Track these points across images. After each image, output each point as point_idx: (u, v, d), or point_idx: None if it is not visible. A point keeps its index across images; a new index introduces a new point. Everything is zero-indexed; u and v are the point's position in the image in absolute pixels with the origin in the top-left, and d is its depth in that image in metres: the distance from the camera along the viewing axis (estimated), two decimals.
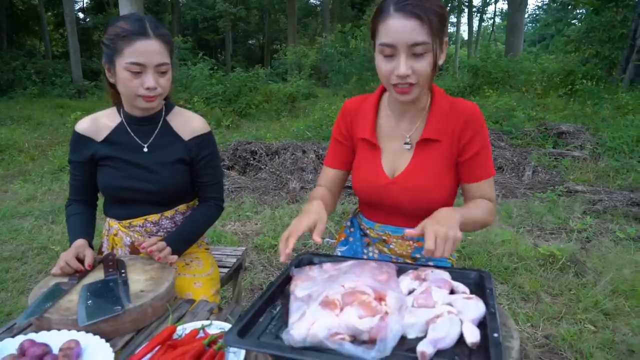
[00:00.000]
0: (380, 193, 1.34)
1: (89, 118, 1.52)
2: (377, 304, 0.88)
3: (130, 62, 1.33)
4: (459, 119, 1.28)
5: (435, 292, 0.96)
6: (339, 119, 1.44)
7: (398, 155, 1.34)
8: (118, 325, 1.10)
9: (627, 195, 4.37)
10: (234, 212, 4.06)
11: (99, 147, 1.48)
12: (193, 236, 1.53)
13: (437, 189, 1.30)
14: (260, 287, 2.74)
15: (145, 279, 1.26)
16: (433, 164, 1.30)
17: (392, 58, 1.16)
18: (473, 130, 1.27)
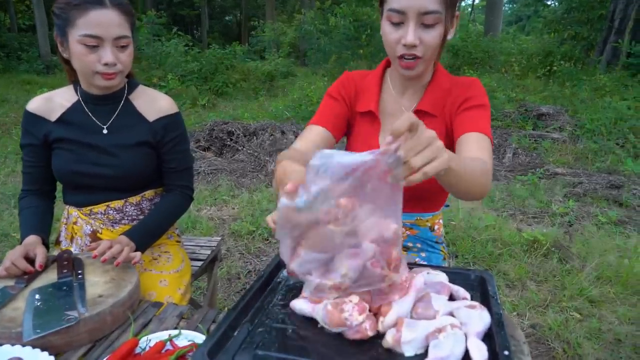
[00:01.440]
0: None
1: (42, 97, 1.36)
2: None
3: (84, 34, 1.18)
4: (456, 92, 1.20)
5: (435, 299, 0.84)
6: (339, 83, 1.32)
7: None
8: (71, 337, 0.96)
9: (606, 177, 4.39)
10: (210, 195, 3.89)
11: (52, 127, 1.32)
12: (159, 229, 1.38)
13: None
14: (238, 276, 2.61)
15: (104, 281, 1.12)
16: None
17: (400, 26, 1.08)
18: (469, 93, 1.18)
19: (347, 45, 10.65)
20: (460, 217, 3.23)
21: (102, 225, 1.40)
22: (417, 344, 0.75)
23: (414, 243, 1.34)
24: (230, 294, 2.43)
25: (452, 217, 3.22)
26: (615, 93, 7.08)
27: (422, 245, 1.35)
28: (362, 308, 0.77)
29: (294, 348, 0.77)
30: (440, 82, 1.23)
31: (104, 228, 1.41)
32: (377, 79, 1.29)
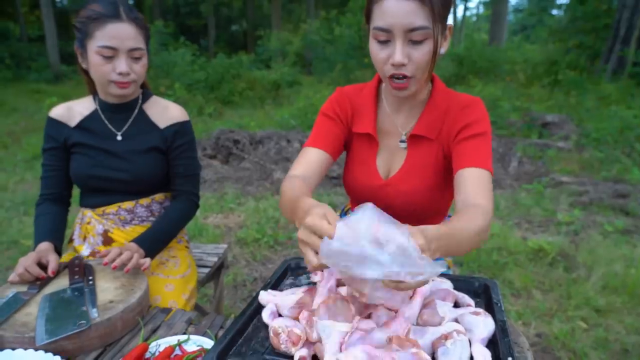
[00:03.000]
0: (374, 194, 1.24)
1: (64, 105, 1.46)
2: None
3: (101, 45, 1.27)
4: (453, 112, 1.16)
5: (440, 306, 0.86)
6: (333, 101, 1.27)
7: (393, 153, 1.24)
8: (83, 342, 0.98)
9: (612, 186, 4.37)
10: (217, 203, 3.92)
11: (71, 132, 1.41)
12: (167, 236, 1.43)
13: (431, 191, 1.21)
14: (244, 283, 2.63)
15: (115, 287, 1.14)
16: (427, 164, 1.20)
17: (387, 44, 1.03)
18: (469, 118, 1.13)
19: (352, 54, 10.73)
20: None
21: (114, 225, 1.45)
22: (424, 350, 0.77)
23: None
24: (237, 301, 2.44)
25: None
26: (621, 102, 7.06)
27: None
28: (296, 339, 0.78)
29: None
30: (438, 101, 1.18)
31: (115, 227, 1.45)
32: (372, 97, 1.24)
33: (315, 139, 1.22)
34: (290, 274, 1.12)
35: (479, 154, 1.09)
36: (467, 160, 1.09)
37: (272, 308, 0.89)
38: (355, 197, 1.33)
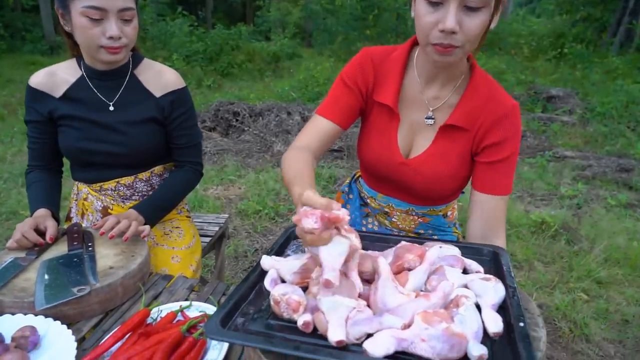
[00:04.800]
0: (391, 171, 1.18)
1: (45, 71, 1.32)
2: None
3: (87, 5, 1.14)
4: (493, 113, 1.07)
5: (449, 272, 0.83)
6: (355, 65, 1.15)
7: (417, 129, 1.15)
8: (83, 307, 0.96)
9: (615, 161, 4.34)
10: (216, 175, 3.89)
11: (57, 104, 1.29)
12: (169, 204, 1.37)
13: (452, 179, 1.16)
14: (245, 254, 2.62)
15: (115, 253, 1.12)
16: (454, 152, 1.12)
17: (438, 7, 0.91)
18: (506, 133, 1.07)
19: (353, 25, 10.49)
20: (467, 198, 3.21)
21: (113, 202, 1.40)
22: None
23: (426, 230, 1.31)
24: (238, 271, 2.44)
25: (460, 198, 3.19)
26: (628, 76, 6.95)
27: (433, 231, 1.32)
28: (295, 306, 0.75)
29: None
30: (479, 87, 1.07)
31: (115, 204, 1.40)
32: (401, 63, 1.12)
33: (328, 107, 1.16)
34: (293, 241, 1.09)
35: (503, 180, 1.10)
36: (490, 186, 1.10)
37: (274, 275, 0.87)
38: (369, 169, 1.25)
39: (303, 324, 0.72)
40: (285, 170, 1.02)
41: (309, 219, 0.69)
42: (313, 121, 1.17)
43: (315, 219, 0.69)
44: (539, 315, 0.79)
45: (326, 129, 1.15)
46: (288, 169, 1.01)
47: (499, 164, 1.09)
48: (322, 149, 1.15)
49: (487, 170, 1.10)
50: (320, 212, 0.69)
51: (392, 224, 1.30)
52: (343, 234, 0.72)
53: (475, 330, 0.70)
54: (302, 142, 1.13)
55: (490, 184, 1.10)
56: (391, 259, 0.87)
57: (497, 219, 1.11)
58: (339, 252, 0.71)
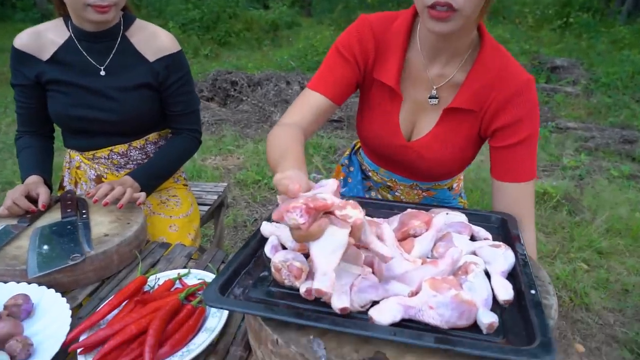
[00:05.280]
0: (392, 152, 1.12)
1: (30, 31, 1.24)
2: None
3: None
4: (504, 91, 0.96)
5: (457, 239, 0.80)
6: (353, 34, 1.02)
7: (419, 108, 1.06)
8: (78, 275, 0.93)
9: (619, 132, 4.28)
10: (215, 145, 3.84)
11: (44, 67, 1.22)
12: (165, 171, 1.33)
13: (457, 162, 1.10)
14: (244, 224, 2.60)
15: (110, 220, 1.08)
16: (459, 135, 1.04)
17: None
18: (520, 112, 0.96)
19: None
20: (469, 168, 3.18)
21: (107, 170, 1.36)
22: None
23: (430, 203, 1.28)
24: (237, 241, 2.43)
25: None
26: (635, 46, 6.79)
27: (439, 204, 1.28)
28: (297, 273, 0.70)
29: None
30: (487, 62, 0.96)
31: (109, 172, 1.36)
32: (403, 35, 1.00)
33: (321, 81, 1.04)
34: None
35: (524, 164, 0.99)
36: (512, 174, 0.99)
37: (274, 241, 0.84)
38: (370, 147, 1.20)
39: (305, 291, 0.69)
40: (270, 149, 0.89)
41: (291, 213, 0.57)
42: (303, 96, 1.04)
43: (300, 212, 0.57)
44: (549, 283, 0.77)
45: (318, 104, 1.02)
46: (273, 149, 0.89)
47: (517, 147, 0.98)
48: (313, 127, 1.02)
49: (505, 156, 1.00)
50: (305, 202, 0.57)
51: (395, 198, 1.26)
52: (338, 220, 0.60)
53: (485, 297, 0.67)
54: (290, 119, 1.00)
55: (511, 171, 1.00)
56: (396, 225, 0.84)
57: (524, 208, 1.00)
58: (333, 247, 0.59)
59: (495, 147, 1.02)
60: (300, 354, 0.59)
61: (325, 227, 0.59)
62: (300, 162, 0.80)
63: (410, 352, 0.60)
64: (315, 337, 0.62)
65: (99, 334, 0.73)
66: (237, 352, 0.76)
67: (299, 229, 0.58)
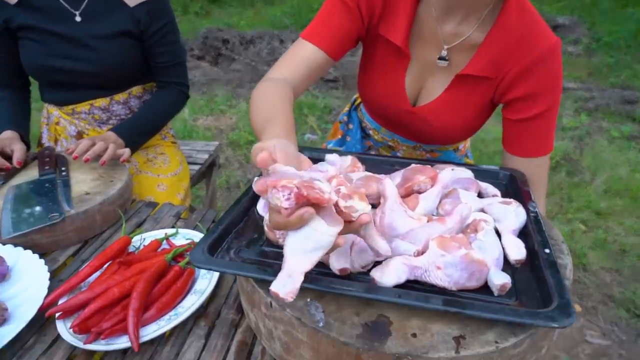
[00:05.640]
0: (396, 116, 1.04)
1: None
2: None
3: None
4: (525, 57, 0.85)
5: (464, 195, 0.74)
6: None
7: (427, 70, 0.95)
8: (57, 236, 0.87)
9: (619, 92, 4.20)
10: (206, 105, 3.71)
11: (13, 12, 1.12)
12: (151, 127, 1.25)
13: (466, 130, 1.01)
14: (237, 185, 2.54)
15: (92, 178, 1.01)
16: (471, 102, 0.94)
17: None
18: (541, 82, 0.86)
19: None
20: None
21: (88, 126, 1.28)
22: None
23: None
24: (230, 202, 2.37)
25: None
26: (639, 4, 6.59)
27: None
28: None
29: None
30: (511, 23, 0.84)
31: (90, 129, 1.28)
32: None
33: (316, 30, 0.90)
34: None
35: (542, 138, 0.91)
36: (527, 149, 0.91)
37: None
38: (372, 108, 1.11)
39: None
40: (254, 110, 0.78)
41: (278, 192, 0.45)
42: (295, 47, 0.91)
43: (288, 194, 0.45)
44: (562, 242, 0.72)
45: (312, 57, 0.88)
46: (257, 110, 0.77)
47: (534, 120, 0.89)
48: (304, 84, 0.89)
49: (520, 130, 0.91)
50: (299, 185, 0.45)
51: None
52: (329, 214, 0.48)
53: (496, 257, 0.62)
54: (279, 73, 0.87)
55: (526, 146, 0.92)
56: (399, 181, 0.78)
57: (537, 180, 0.92)
58: (311, 246, 0.47)
59: (510, 119, 0.92)
60: (297, 317, 0.54)
61: (309, 219, 0.46)
62: (288, 127, 0.69)
63: (416, 315, 0.55)
64: (313, 300, 0.57)
65: (78, 297, 0.68)
66: (228, 316, 0.72)
67: (278, 213, 0.47)
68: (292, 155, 0.56)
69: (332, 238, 0.47)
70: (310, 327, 0.53)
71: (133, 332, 0.62)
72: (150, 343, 0.65)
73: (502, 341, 0.51)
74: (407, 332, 0.53)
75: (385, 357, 0.50)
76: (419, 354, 0.50)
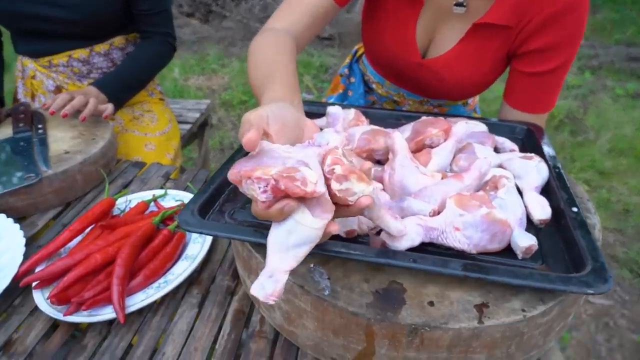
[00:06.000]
0: (403, 69, 0.94)
1: None
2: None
3: None
4: (550, 6, 0.76)
5: (480, 150, 0.68)
6: None
7: (441, 17, 0.86)
8: (35, 198, 0.80)
9: (624, 50, 4.08)
10: (197, 64, 3.57)
11: None
12: (135, 81, 1.16)
13: (479, 85, 0.92)
14: (231, 147, 2.46)
15: (71, 136, 0.93)
16: (487, 55, 0.86)
17: None
18: (562, 35, 0.78)
19: None
20: None
21: (67, 80, 1.18)
22: None
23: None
24: None
25: None
26: None
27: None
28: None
29: None
30: None
31: (70, 83, 1.18)
32: None
33: None
34: None
35: (547, 95, 0.85)
36: (531, 104, 0.86)
37: None
38: (377, 60, 1.01)
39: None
40: (253, 66, 0.69)
41: (253, 183, 0.39)
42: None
43: (264, 186, 0.39)
44: (588, 200, 0.66)
45: (316, 3, 0.79)
46: (256, 65, 0.68)
47: (545, 76, 0.83)
48: (309, 34, 0.81)
49: (528, 84, 0.85)
50: (277, 177, 0.38)
51: None
52: (317, 206, 0.41)
53: (519, 216, 0.55)
54: (279, 23, 0.78)
55: (530, 102, 0.86)
56: (409, 134, 0.71)
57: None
58: (295, 240, 0.40)
59: (520, 71, 0.84)
60: (299, 285, 0.48)
61: (290, 212, 0.40)
62: (290, 86, 0.61)
63: (432, 281, 0.49)
64: (317, 266, 0.51)
65: (57, 264, 0.61)
66: (223, 282, 0.66)
67: (256, 204, 0.41)
68: (290, 125, 0.48)
69: (320, 231, 0.40)
70: (315, 295, 0.47)
71: (118, 301, 0.56)
72: (138, 313, 0.60)
73: (530, 309, 0.46)
74: (423, 300, 0.47)
75: (400, 328, 0.45)
76: (438, 325, 0.44)
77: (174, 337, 0.57)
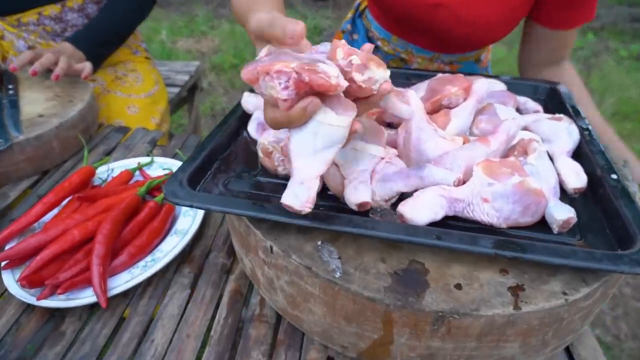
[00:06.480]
0: (418, 13, 0.83)
1: None
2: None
3: None
4: None
5: (502, 111, 0.60)
6: None
7: None
8: (6, 167, 0.72)
9: (626, 10, 3.98)
10: (186, 26, 3.40)
11: None
12: (113, 35, 1.05)
13: (504, 26, 0.82)
14: (223, 112, 2.36)
15: (46, 98, 0.84)
16: None
17: None
18: None
19: None
20: None
21: (40, 40, 1.07)
22: None
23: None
24: None
25: None
26: None
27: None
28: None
29: None
30: None
31: (43, 42, 1.08)
32: None
33: None
34: None
35: (588, 5, 0.77)
36: (566, 20, 0.79)
37: (261, 117, 0.62)
38: (385, 8, 0.90)
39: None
40: None
41: (273, 79, 0.35)
42: None
43: (286, 81, 0.34)
44: (624, 165, 0.59)
45: None
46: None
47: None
48: None
49: (563, 6, 0.78)
50: (299, 69, 0.34)
51: None
52: (338, 103, 0.37)
53: (553, 185, 0.49)
54: None
55: (565, 19, 0.80)
56: (424, 94, 0.63)
57: (565, 50, 0.86)
58: (323, 143, 0.38)
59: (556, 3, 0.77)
60: (306, 266, 0.42)
61: (314, 111, 0.36)
62: (279, 7, 0.56)
63: (458, 260, 0.43)
64: (325, 243, 0.44)
65: (29, 241, 0.54)
66: (218, 260, 0.59)
67: (274, 107, 0.37)
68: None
69: (346, 130, 0.38)
70: (324, 278, 0.41)
71: (99, 284, 0.50)
72: (123, 296, 0.53)
73: (572, 292, 0.40)
74: (449, 282, 0.41)
75: (424, 316, 0.39)
76: (468, 312, 0.38)
77: (164, 322, 0.51)
